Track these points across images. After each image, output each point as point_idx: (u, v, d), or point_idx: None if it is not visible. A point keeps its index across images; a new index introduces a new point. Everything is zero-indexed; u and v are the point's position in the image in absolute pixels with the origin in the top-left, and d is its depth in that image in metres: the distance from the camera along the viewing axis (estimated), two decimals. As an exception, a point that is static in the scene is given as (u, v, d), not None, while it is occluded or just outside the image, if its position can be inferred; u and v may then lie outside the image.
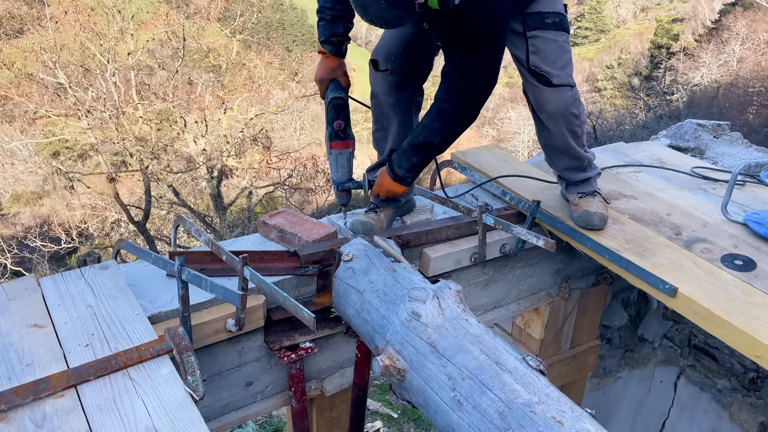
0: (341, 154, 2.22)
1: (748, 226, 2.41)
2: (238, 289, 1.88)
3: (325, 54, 2.20)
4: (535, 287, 2.77)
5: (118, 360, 1.59)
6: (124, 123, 15.51)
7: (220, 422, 2.13)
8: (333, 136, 2.19)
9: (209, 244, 2.08)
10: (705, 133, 3.62)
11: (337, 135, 2.19)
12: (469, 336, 1.66)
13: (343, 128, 2.18)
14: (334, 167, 2.25)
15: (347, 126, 2.19)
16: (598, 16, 38.42)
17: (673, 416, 3.52)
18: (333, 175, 2.27)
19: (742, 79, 21.05)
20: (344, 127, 2.18)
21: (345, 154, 2.22)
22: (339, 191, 2.29)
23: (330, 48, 2.18)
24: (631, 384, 3.63)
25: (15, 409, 1.45)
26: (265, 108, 17.47)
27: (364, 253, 2.09)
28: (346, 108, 2.19)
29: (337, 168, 2.24)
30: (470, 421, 1.50)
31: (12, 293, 1.86)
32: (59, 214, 16.60)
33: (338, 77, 2.20)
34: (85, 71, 15.77)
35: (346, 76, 2.22)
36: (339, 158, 2.23)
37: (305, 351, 2.12)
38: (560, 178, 2.54)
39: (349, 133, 2.20)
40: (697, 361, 3.38)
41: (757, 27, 22.36)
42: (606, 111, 25.03)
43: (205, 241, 2.08)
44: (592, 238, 2.34)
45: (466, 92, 2.05)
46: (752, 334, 1.86)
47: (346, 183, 2.27)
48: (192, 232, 2.11)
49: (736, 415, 3.24)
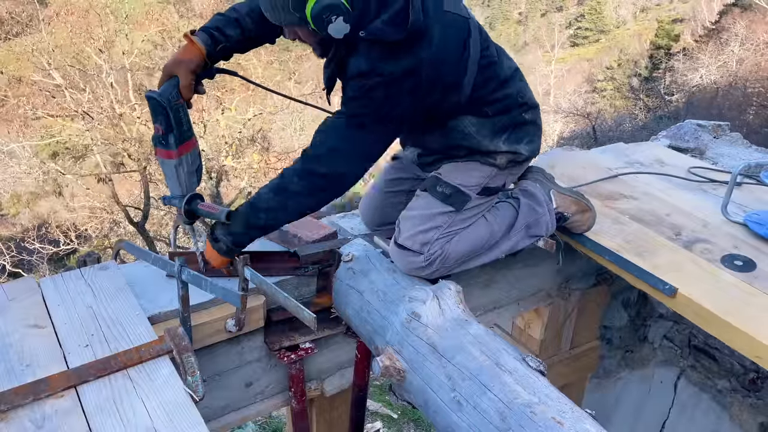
0: (165, 164, 1.87)
1: (748, 226, 2.41)
2: (238, 290, 1.88)
3: (191, 42, 1.82)
4: (535, 287, 2.77)
5: (118, 360, 1.59)
6: (122, 124, 15.50)
7: (220, 423, 2.13)
8: (155, 140, 1.84)
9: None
10: (705, 133, 3.62)
11: (158, 140, 1.83)
12: (469, 336, 1.65)
13: (162, 134, 1.81)
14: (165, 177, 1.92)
15: (169, 132, 1.81)
16: (598, 16, 38.42)
17: (673, 417, 3.52)
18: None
19: (741, 79, 21.07)
20: (164, 133, 1.80)
21: (171, 164, 1.86)
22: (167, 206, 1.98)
23: (204, 37, 1.83)
24: (631, 384, 3.62)
25: (15, 410, 1.45)
26: (264, 108, 17.46)
27: (364, 254, 2.09)
28: (166, 113, 1.78)
29: (166, 178, 1.92)
30: (470, 421, 1.50)
31: (12, 294, 1.86)
32: (58, 214, 16.59)
33: (180, 74, 1.80)
34: (81, 72, 15.76)
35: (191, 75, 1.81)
36: (164, 167, 1.89)
37: (305, 351, 2.12)
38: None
39: (170, 142, 1.82)
40: (697, 362, 3.37)
41: (756, 28, 22.37)
42: (606, 111, 25.03)
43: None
44: (592, 239, 2.34)
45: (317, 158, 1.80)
46: (752, 335, 1.86)
47: (175, 199, 1.92)
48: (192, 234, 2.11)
49: (736, 415, 3.23)
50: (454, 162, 2.04)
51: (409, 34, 1.71)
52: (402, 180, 2.31)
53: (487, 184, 2.04)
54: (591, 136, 20.56)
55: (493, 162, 2.02)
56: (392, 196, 2.30)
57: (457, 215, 2.01)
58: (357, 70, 1.74)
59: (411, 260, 1.98)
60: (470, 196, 2.01)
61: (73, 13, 16.26)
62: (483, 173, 2.02)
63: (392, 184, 2.32)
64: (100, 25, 15.97)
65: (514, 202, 2.20)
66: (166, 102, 1.78)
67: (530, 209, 2.18)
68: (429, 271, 2.00)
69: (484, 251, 2.12)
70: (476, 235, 2.07)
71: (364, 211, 2.41)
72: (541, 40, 37.78)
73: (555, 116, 25.36)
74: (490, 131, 1.98)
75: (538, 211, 2.19)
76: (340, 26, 1.66)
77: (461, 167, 2.03)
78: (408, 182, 2.29)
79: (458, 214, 2.01)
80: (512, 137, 2.01)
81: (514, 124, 2.01)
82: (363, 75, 1.73)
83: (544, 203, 2.21)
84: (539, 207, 2.20)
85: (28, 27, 16.82)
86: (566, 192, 2.30)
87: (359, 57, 1.74)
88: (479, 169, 2.02)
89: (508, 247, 2.17)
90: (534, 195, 2.22)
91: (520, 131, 2.03)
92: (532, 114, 2.07)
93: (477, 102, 1.93)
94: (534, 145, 2.08)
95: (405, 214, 2.04)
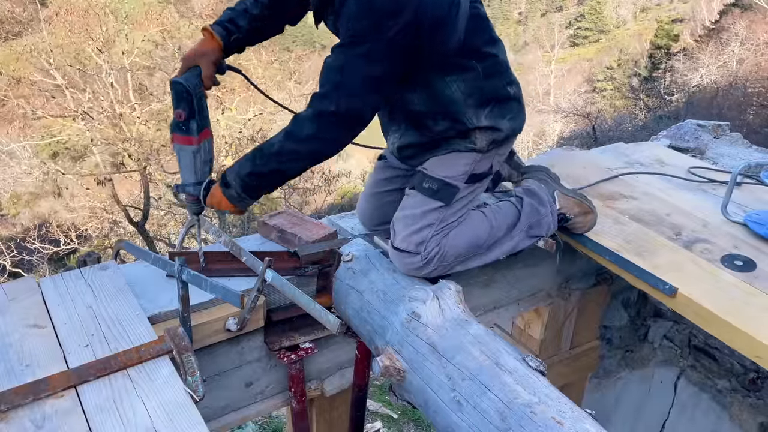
0: (183, 150, 1.89)
1: (748, 226, 2.41)
2: (255, 290, 1.89)
3: (209, 34, 1.91)
4: (535, 287, 2.77)
5: (118, 360, 1.59)
6: (121, 124, 15.51)
7: (219, 423, 2.13)
8: (173, 126, 1.86)
9: (228, 245, 2.09)
10: (705, 133, 3.62)
11: (178, 126, 1.85)
12: (469, 336, 1.65)
13: (184, 120, 1.83)
14: (179, 164, 1.93)
15: (191, 118, 1.84)
16: (598, 16, 38.44)
17: (673, 417, 3.52)
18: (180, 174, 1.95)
19: (741, 79, 21.07)
20: (186, 119, 1.83)
21: (188, 151, 1.88)
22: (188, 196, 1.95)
23: (219, 30, 1.91)
24: (631, 384, 3.63)
25: (15, 410, 1.45)
26: (264, 108, 17.46)
27: (364, 254, 2.09)
28: (191, 99, 1.83)
29: (181, 166, 1.92)
30: (470, 421, 1.50)
31: (12, 294, 1.86)
32: (58, 215, 16.60)
33: (202, 65, 1.88)
34: (81, 72, 15.78)
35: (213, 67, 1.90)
36: (181, 154, 1.90)
37: (305, 351, 2.13)
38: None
39: (192, 128, 1.85)
40: (697, 362, 3.37)
41: (756, 28, 22.38)
42: (606, 111, 25.03)
43: (224, 241, 2.11)
44: (592, 239, 2.34)
45: (324, 96, 1.77)
46: (752, 335, 1.86)
47: (189, 186, 1.93)
48: (211, 233, 2.12)
49: (736, 415, 3.23)
50: (437, 156, 2.02)
51: None
52: (392, 179, 2.30)
53: (473, 171, 2.02)
54: (591, 136, 20.55)
55: (473, 146, 1.99)
56: (386, 195, 2.30)
57: (448, 209, 1.99)
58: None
59: (408, 261, 1.98)
60: (458, 186, 1.99)
61: (72, 13, 16.28)
62: (467, 160, 2.00)
63: (383, 184, 2.32)
64: (99, 25, 15.98)
65: (517, 201, 2.19)
66: (192, 87, 1.83)
67: (533, 209, 2.18)
68: (427, 270, 1.99)
69: (483, 251, 2.11)
70: (474, 231, 2.06)
71: (361, 212, 2.41)
72: (541, 40, 37.79)
73: (555, 116, 25.37)
74: (477, 100, 1.93)
75: (540, 212, 2.18)
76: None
77: (445, 160, 2.01)
78: (399, 180, 2.28)
79: (449, 208, 1.99)
80: (495, 111, 1.97)
81: (498, 98, 1.98)
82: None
83: (547, 204, 2.21)
84: (542, 207, 2.19)
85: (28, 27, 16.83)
86: (570, 193, 2.29)
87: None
88: (463, 158, 2.00)
89: (509, 247, 2.16)
90: (538, 195, 2.21)
91: (503, 107, 1.99)
92: (515, 90, 2.04)
93: (468, 52, 1.89)
94: (516, 122, 2.04)
95: (397, 215, 2.04)
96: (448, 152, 2.00)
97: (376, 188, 2.34)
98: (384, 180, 2.32)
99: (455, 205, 2.01)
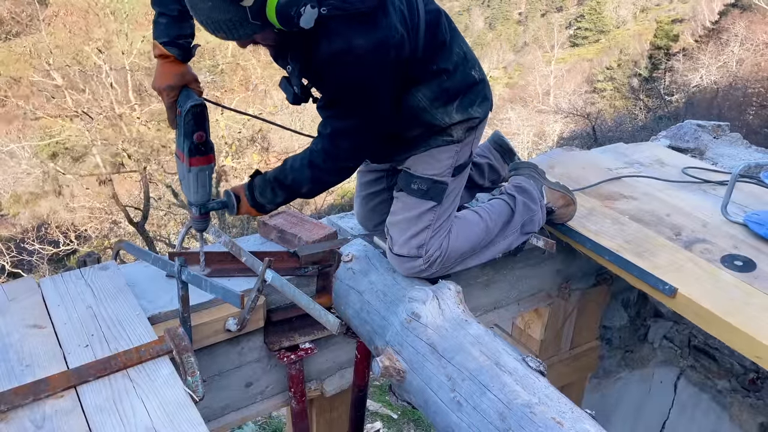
0: (202, 171, 1.87)
1: (748, 226, 2.41)
2: (255, 291, 1.88)
3: (169, 58, 1.80)
4: (535, 288, 2.77)
5: (117, 361, 1.59)
6: (121, 124, 15.52)
7: (219, 423, 2.13)
8: (193, 150, 1.83)
9: (228, 245, 2.09)
10: (705, 133, 3.62)
11: (198, 149, 1.83)
12: (468, 337, 1.65)
13: (204, 140, 1.84)
14: (194, 187, 1.89)
15: (209, 137, 1.85)
16: (597, 16, 38.43)
17: (673, 417, 3.52)
18: (191, 196, 1.91)
19: (741, 80, 21.08)
20: (206, 139, 1.84)
21: (206, 171, 1.88)
22: (200, 215, 1.95)
23: (176, 51, 1.79)
24: (631, 385, 3.63)
25: (15, 410, 1.45)
26: (263, 108, 17.47)
27: (364, 254, 2.09)
28: (207, 116, 1.83)
29: (198, 188, 1.89)
30: (470, 421, 1.50)
31: (12, 294, 1.85)
32: (58, 215, 16.60)
33: (190, 83, 1.83)
34: (81, 73, 15.78)
35: (198, 81, 1.87)
36: (200, 176, 1.88)
37: (305, 352, 2.12)
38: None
39: (210, 146, 1.87)
40: (697, 362, 3.37)
41: (756, 28, 22.39)
42: (606, 112, 25.04)
43: (224, 242, 2.11)
44: (591, 239, 2.34)
45: (336, 158, 1.86)
46: (752, 335, 1.86)
47: (208, 203, 1.94)
48: (211, 233, 2.12)
49: (736, 415, 3.24)
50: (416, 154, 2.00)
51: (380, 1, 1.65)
52: (377, 180, 2.30)
53: (456, 163, 2.01)
54: (591, 137, 20.56)
55: (451, 139, 1.97)
56: (375, 196, 2.31)
57: (441, 207, 2.00)
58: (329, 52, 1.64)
59: (411, 265, 1.98)
60: (446, 182, 1.99)
61: (72, 13, 16.28)
62: (449, 154, 1.99)
63: (370, 186, 2.32)
64: (99, 25, 15.99)
65: (509, 199, 2.20)
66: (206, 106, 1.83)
67: (526, 207, 2.19)
68: (430, 272, 2.00)
69: (480, 249, 2.12)
70: (473, 231, 2.07)
71: (357, 215, 2.43)
72: (541, 40, 37.80)
73: (555, 116, 25.37)
74: (444, 101, 1.91)
75: (533, 209, 2.20)
76: (309, 15, 1.54)
77: (427, 158, 1.99)
78: (384, 180, 2.28)
79: (441, 206, 2.00)
80: (465, 102, 1.95)
81: (465, 87, 1.95)
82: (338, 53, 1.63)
83: (537, 200, 2.23)
84: (534, 204, 2.21)
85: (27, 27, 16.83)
86: (555, 186, 2.33)
87: (328, 38, 1.63)
88: (444, 152, 1.98)
89: (504, 246, 2.18)
90: (529, 192, 2.23)
91: (471, 93, 1.97)
92: (479, 71, 2.01)
93: (427, 61, 1.86)
94: (486, 104, 2.02)
95: (391, 221, 2.03)
96: (428, 149, 1.99)
97: (364, 191, 2.34)
98: (369, 182, 2.32)
99: (446, 201, 2.01)
